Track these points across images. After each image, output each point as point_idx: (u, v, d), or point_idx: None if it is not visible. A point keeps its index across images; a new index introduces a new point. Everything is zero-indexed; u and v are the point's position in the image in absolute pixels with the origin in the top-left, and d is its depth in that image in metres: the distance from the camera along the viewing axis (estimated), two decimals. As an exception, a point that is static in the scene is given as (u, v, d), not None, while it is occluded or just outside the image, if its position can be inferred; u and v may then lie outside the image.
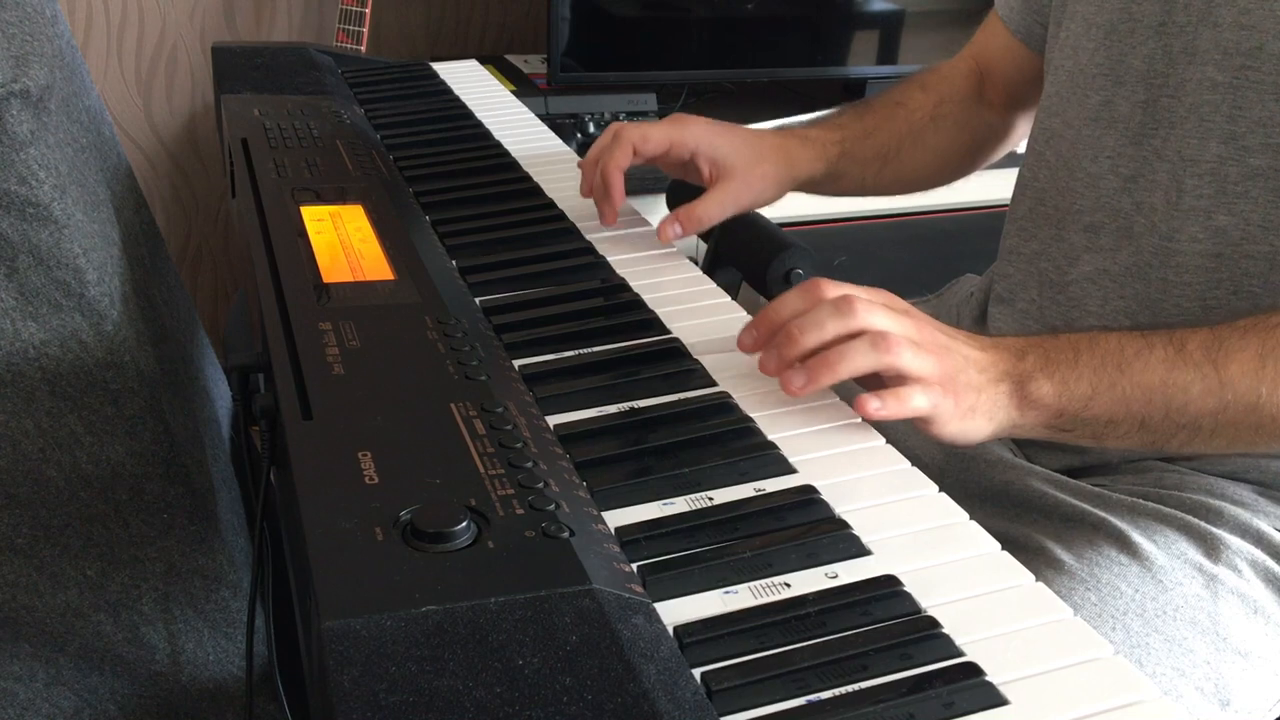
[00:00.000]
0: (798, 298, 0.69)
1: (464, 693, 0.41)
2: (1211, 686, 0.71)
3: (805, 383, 0.66)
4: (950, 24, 2.06)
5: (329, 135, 1.02)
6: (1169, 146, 0.80)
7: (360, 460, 0.53)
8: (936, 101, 1.04)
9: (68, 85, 0.86)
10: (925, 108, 1.04)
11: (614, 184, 0.90)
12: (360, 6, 1.82)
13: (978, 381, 0.68)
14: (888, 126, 1.02)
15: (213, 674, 0.89)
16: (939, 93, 1.05)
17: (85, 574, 0.82)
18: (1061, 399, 0.69)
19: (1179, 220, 0.79)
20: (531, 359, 0.71)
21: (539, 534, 0.49)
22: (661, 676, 0.44)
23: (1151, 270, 0.81)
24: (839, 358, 0.65)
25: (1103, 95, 0.84)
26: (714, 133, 0.93)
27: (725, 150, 0.92)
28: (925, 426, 0.68)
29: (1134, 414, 0.69)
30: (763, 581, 0.52)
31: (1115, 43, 0.83)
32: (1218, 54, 0.77)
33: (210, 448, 0.93)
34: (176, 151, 2.06)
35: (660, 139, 0.91)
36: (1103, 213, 0.84)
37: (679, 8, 1.91)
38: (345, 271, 0.75)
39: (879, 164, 1.02)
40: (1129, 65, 0.82)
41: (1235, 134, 0.76)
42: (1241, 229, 0.77)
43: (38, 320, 0.75)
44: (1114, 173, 0.83)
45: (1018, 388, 0.69)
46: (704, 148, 0.92)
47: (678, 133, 0.92)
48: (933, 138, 1.04)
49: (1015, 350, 0.70)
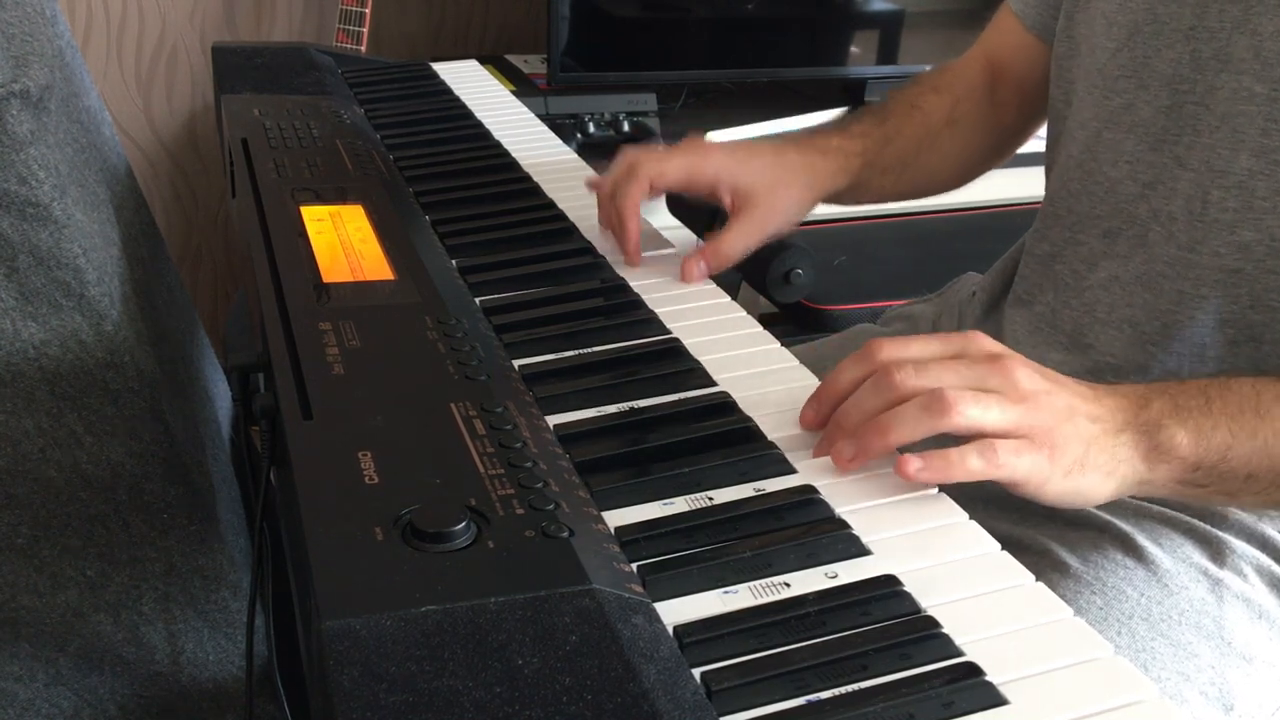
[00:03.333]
0: (854, 365, 0.64)
1: (464, 693, 0.41)
2: (1216, 691, 0.70)
3: (855, 454, 0.60)
4: (950, 24, 2.07)
5: (329, 135, 1.02)
6: (1193, 155, 0.77)
7: (360, 460, 0.53)
8: (951, 104, 1.01)
9: (68, 85, 0.86)
10: (941, 111, 1.00)
11: (630, 225, 0.86)
12: (360, 6, 1.82)
13: (1089, 432, 0.61)
14: (906, 131, 0.98)
15: (213, 674, 0.89)
16: (953, 94, 1.01)
17: (85, 574, 0.82)
18: (1198, 449, 0.63)
19: (1201, 232, 0.76)
20: (531, 359, 0.71)
21: (539, 534, 0.49)
22: (661, 676, 0.44)
23: (1166, 281, 0.79)
24: (890, 423, 0.59)
25: (1124, 98, 0.81)
26: (734, 160, 0.88)
27: (747, 178, 0.88)
28: (1020, 489, 0.61)
29: (1276, 465, 0.64)
30: (762, 581, 0.52)
31: (1140, 44, 0.80)
32: (1256, 64, 0.73)
33: (210, 448, 0.93)
34: (176, 151, 2.06)
35: (678, 173, 0.87)
36: (1119, 218, 0.82)
37: (679, 8, 1.91)
38: (345, 271, 0.75)
39: (898, 170, 0.98)
40: (1153, 68, 0.79)
41: (1269, 147, 0.73)
42: (1267, 245, 0.74)
43: (38, 320, 0.75)
44: (1132, 178, 0.81)
45: (1145, 437, 0.62)
46: (725, 177, 0.87)
47: (697, 164, 0.87)
48: (949, 142, 1.00)
49: (1137, 397, 0.63)
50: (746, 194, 0.87)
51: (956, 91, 1.01)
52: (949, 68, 1.04)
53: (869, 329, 1.10)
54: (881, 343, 0.63)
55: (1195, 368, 0.78)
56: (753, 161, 0.89)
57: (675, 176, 0.87)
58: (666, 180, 0.87)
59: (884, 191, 0.99)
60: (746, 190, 0.87)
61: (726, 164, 0.88)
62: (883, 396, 0.60)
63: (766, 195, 0.88)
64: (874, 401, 0.61)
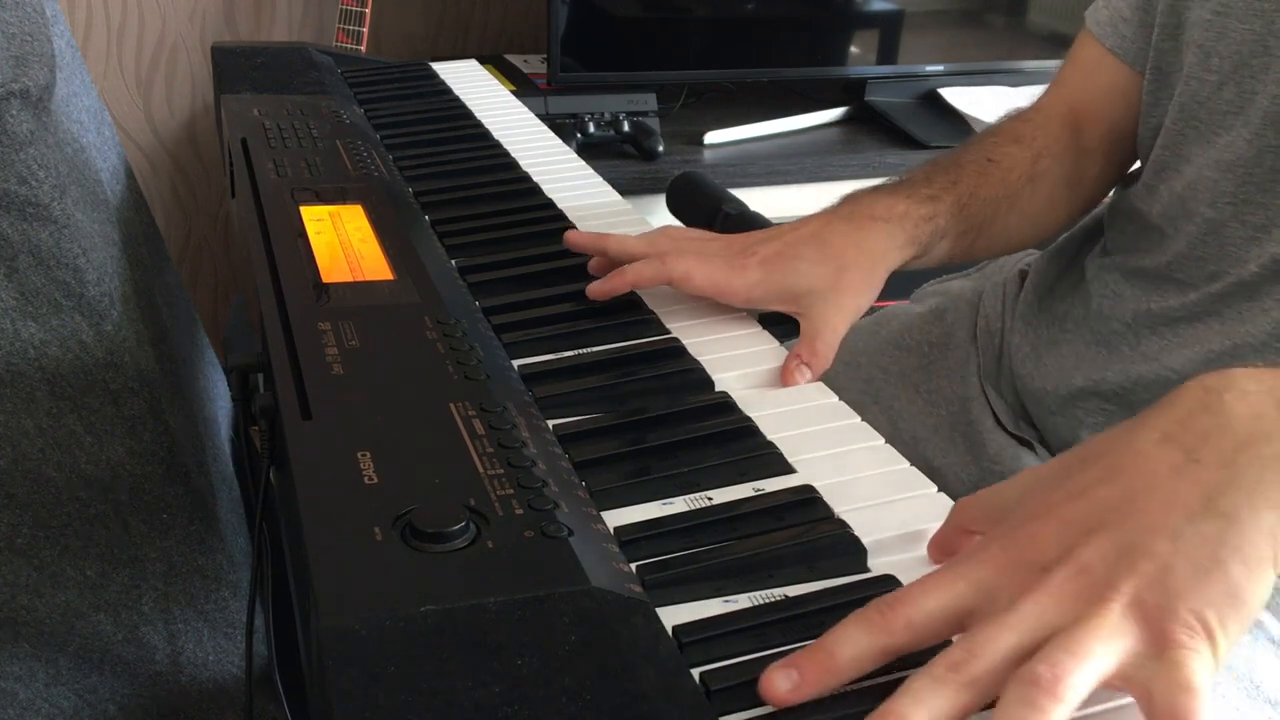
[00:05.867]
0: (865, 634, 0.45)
1: (463, 693, 0.41)
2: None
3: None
4: (950, 24, 2.07)
5: (329, 135, 1.02)
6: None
7: (360, 460, 0.53)
8: (1033, 157, 0.89)
9: (68, 85, 0.86)
10: (1022, 165, 0.88)
11: (618, 290, 0.77)
12: (360, 6, 1.82)
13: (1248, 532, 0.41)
14: (983, 192, 0.86)
15: (213, 674, 0.90)
16: (1035, 146, 0.89)
17: (85, 574, 0.82)
18: None
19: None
20: (531, 359, 0.71)
21: (538, 534, 0.49)
22: (660, 676, 0.44)
23: (1235, 325, 0.74)
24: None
25: (1229, 136, 0.75)
26: (774, 270, 0.76)
27: (791, 283, 0.76)
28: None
29: None
30: (762, 581, 0.52)
31: (1245, 78, 0.74)
32: None
33: (210, 448, 0.93)
34: (176, 151, 2.06)
35: (705, 288, 0.76)
36: (1225, 261, 0.75)
37: (679, 8, 1.91)
38: (345, 271, 0.75)
39: (972, 236, 0.86)
40: (1258, 105, 0.73)
41: None
42: None
43: (38, 320, 0.75)
44: (1238, 220, 0.75)
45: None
46: (760, 294, 0.76)
47: (724, 283, 0.76)
48: (1030, 201, 0.89)
49: None
50: (804, 299, 0.76)
51: (1039, 144, 0.90)
52: (1029, 115, 0.93)
53: (890, 315, 1.06)
54: (893, 611, 0.44)
55: None
56: (797, 263, 0.76)
57: (700, 288, 0.77)
58: (690, 290, 0.77)
59: (953, 256, 0.87)
60: (801, 294, 0.76)
61: (762, 281, 0.76)
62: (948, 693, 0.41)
63: (827, 290, 0.76)
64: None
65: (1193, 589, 0.40)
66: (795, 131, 1.92)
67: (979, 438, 0.92)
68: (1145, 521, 0.42)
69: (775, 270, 0.76)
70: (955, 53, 2.00)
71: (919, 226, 0.81)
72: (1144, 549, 0.41)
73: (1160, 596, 0.40)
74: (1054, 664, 0.39)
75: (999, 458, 0.90)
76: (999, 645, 0.41)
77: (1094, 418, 0.85)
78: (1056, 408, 0.88)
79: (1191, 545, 0.41)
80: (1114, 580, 0.41)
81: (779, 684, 0.43)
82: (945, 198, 0.83)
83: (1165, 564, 0.41)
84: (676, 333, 0.75)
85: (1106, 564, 0.41)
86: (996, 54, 2.01)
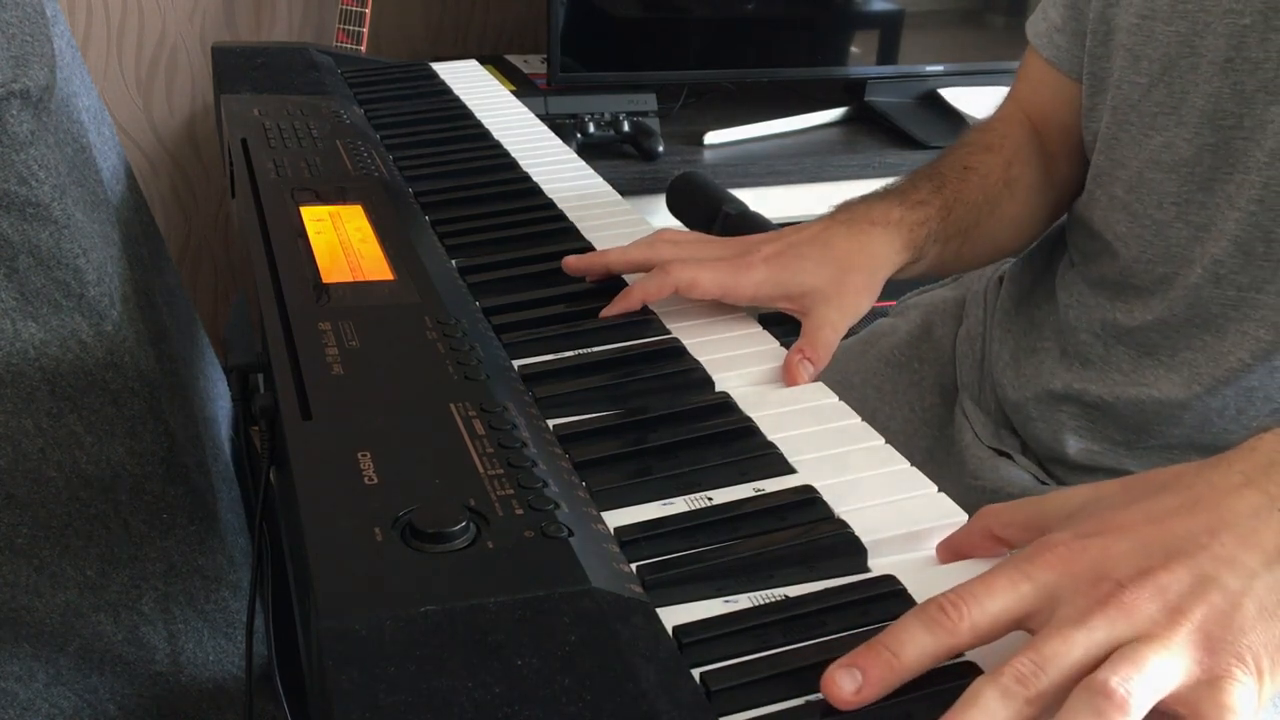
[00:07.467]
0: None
1: (463, 693, 0.41)
2: None
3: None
4: (950, 24, 2.07)
5: (329, 135, 1.02)
6: (1242, 194, 0.73)
7: (360, 460, 0.53)
8: (1005, 164, 0.91)
9: (68, 85, 0.86)
10: (997, 171, 0.90)
11: (633, 306, 0.77)
12: (360, 6, 1.82)
13: None
14: (965, 196, 0.88)
15: (213, 674, 0.90)
16: (1005, 153, 0.91)
17: (85, 574, 0.82)
18: None
19: (1267, 272, 0.73)
20: (531, 359, 0.71)
21: (538, 534, 0.49)
22: (660, 676, 0.44)
23: (1211, 323, 0.76)
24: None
25: (1164, 136, 0.77)
26: (778, 268, 0.77)
27: (797, 281, 0.77)
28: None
29: None
30: (762, 581, 0.52)
31: (1175, 79, 0.76)
32: None
33: (210, 448, 0.93)
34: (176, 151, 2.06)
35: (711, 290, 0.76)
36: (1173, 263, 0.78)
37: (679, 8, 1.92)
38: (345, 271, 0.75)
39: (959, 241, 0.87)
40: (1191, 104, 0.75)
41: None
42: None
43: (38, 320, 0.75)
44: (1181, 220, 0.77)
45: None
46: (766, 291, 0.77)
47: (731, 286, 0.76)
48: (1009, 205, 0.91)
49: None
50: (807, 297, 0.77)
51: (1007, 150, 0.92)
52: (992, 126, 0.95)
53: (878, 327, 1.07)
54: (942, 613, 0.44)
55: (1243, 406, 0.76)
56: (802, 263, 0.78)
57: (707, 292, 0.76)
58: (697, 295, 0.77)
59: (943, 263, 0.88)
60: (805, 294, 0.77)
61: (768, 279, 0.77)
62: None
63: (829, 289, 0.77)
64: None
65: (1254, 629, 0.42)
66: (795, 132, 1.92)
67: (959, 454, 0.93)
68: (1223, 556, 0.44)
69: (780, 268, 0.77)
70: (955, 53, 2.00)
71: (914, 231, 0.82)
72: (1218, 582, 0.43)
73: (1224, 630, 0.42)
74: (1125, 678, 0.40)
75: (978, 472, 0.90)
76: (1069, 659, 0.42)
77: (1077, 421, 0.85)
78: (1037, 414, 0.88)
79: (1263, 587, 0.43)
80: (1186, 606, 0.42)
81: (844, 685, 0.43)
82: (934, 202, 0.85)
83: (1235, 601, 0.43)
84: (677, 333, 0.75)
85: (1181, 590, 0.43)
86: (996, 54, 2.01)
